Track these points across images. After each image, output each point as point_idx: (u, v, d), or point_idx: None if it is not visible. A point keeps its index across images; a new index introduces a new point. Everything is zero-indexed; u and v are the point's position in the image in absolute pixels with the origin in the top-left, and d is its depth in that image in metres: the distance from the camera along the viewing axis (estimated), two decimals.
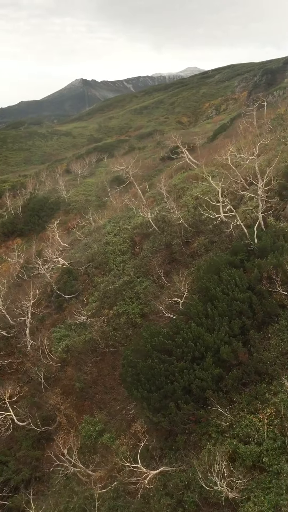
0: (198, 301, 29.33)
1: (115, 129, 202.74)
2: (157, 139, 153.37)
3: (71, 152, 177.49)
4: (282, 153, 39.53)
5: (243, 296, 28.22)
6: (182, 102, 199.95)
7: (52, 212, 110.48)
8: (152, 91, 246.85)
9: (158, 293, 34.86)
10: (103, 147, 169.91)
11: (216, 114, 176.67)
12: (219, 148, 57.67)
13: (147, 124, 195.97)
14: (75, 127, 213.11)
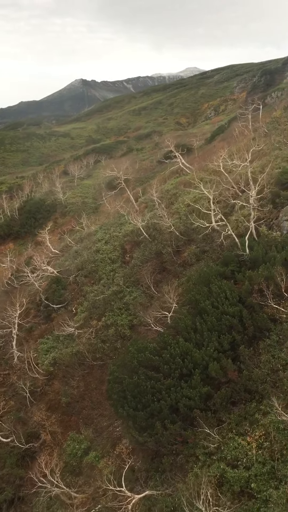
0: (187, 315, 28.28)
1: (114, 130, 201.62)
2: (155, 140, 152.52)
3: (69, 153, 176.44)
4: (276, 159, 38.48)
5: (233, 310, 27.17)
6: (181, 103, 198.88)
7: (49, 215, 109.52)
8: (151, 91, 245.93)
9: (147, 304, 33.84)
10: (101, 148, 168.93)
11: (215, 115, 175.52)
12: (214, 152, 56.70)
13: (145, 125, 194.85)
14: (74, 128, 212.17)
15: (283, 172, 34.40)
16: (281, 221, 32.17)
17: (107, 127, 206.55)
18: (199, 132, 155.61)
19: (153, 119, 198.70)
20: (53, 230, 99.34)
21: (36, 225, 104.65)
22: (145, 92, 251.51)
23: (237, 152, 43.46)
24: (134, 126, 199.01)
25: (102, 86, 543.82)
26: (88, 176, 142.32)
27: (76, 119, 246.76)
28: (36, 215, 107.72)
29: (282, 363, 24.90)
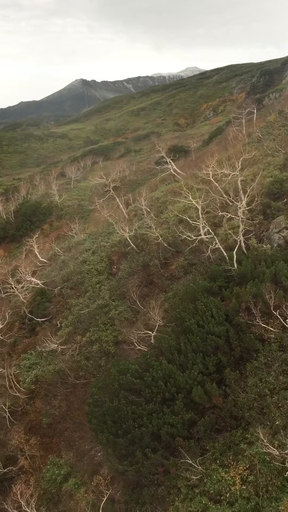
0: (171, 334, 26.91)
1: (112, 131, 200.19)
2: (153, 142, 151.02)
3: (67, 155, 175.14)
4: (268, 166, 37.06)
5: (219, 330, 25.78)
6: (180, 104, 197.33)
7: (45, 217, 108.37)
8: (149, 92, 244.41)
9: (133, 319, 32.48)
10: (98, 149, 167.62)
11: (213, 115, 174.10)
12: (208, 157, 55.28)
13: (144, 126, 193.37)
14: (72, 129, 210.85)
15: (274, 181, 32.98)
16: (272, 234, 30.79)
17: (105, 128, 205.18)
18: (197, 133, 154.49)
19: (151, 120, 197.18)
20: (48, 233, 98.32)
21: (32, 228, 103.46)
22: (144, 92, 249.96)
23: (228, 159, 42.09)
24: (132, 127, 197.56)
25: (102, 86, 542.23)
26: (85, 178, 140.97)
27: (75, 120, 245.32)
28: (32, 218, 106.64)
29: (269, 387, 23.52)
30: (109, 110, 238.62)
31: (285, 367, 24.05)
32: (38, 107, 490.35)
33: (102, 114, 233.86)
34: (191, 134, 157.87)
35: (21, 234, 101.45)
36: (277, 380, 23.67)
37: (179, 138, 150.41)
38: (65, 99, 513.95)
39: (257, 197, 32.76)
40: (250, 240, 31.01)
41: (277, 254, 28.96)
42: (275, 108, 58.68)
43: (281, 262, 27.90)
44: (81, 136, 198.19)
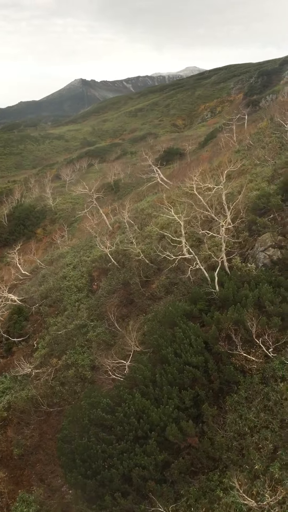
0: (146, 363, 25.06)
1: (109, 132, 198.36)
2: (150, 143, 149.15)
3: (63, 156, 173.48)
4: (256, 178, 35.17)
5: (197, 360, 23.93)
6: (177, 104, 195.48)
7: (38, 221, 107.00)
8: (147, 92, 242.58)
9: (111, 342, 30.66)
10: (95, 151, 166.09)
11: (211, 116, 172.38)
12: (193, 168, 53.45)
13: (141, 127, 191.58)
14: (69, 130, 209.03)
15: (260, 196, 31.11)
16: (257, 252, 28.93)
17: (103, 129, 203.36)
18: (194, 135, 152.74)
19: (149, 121, 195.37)
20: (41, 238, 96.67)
21: (26, 232, 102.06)
22: (142, 93, 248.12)
23: (218, 167, 40.31)
24: (129, 128, 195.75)
25: (102, 86, 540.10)
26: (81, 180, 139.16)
27: (72, 121, 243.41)
28: (25, 222, 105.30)
29: (250, 425, 21.70)
30: (106, 111, 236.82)
31: (266, 403, 22.21)
32: (38, 107, 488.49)
33: (100, 115, 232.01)
34: (188, 136, 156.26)
35: (14, 238, 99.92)
36: (258, 417, 21.84)
37: (175, 140, 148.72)
38: (64, 99, 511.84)
39: (242, 212, 30.94)
40: (234, 259, 29.17)
41: (261, 276, 27.10)
42: (269, 112, 56.79)
43: (265, 285, 26.05)
44: (78, 137, 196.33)
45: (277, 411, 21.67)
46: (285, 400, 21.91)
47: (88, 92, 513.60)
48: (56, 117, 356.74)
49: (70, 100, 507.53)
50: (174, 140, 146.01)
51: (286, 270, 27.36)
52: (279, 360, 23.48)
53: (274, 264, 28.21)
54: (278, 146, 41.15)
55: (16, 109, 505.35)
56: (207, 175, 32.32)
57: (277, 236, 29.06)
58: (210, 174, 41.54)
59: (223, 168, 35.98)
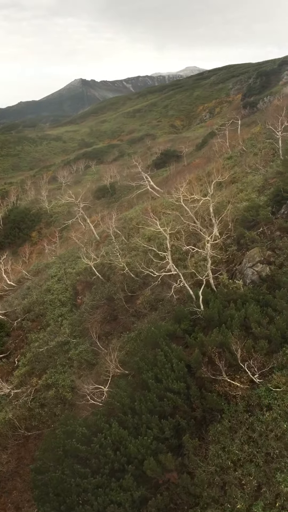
0: (126, 388, 23.67)
1: (107, 133, 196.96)
2: (147, 145, 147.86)
3: (61, 158, 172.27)
4: (247, 187, 33.76)
5: (178, 386, 22.54)
6: (176, 105, 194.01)
7: (33, 224, 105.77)
8: (146, 93, 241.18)
9: (93, 361, 29.28)
10: (92, 152, 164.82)
11: (210, 117, 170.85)
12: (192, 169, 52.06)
13: (139, 128, 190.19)
14: (67, 131, 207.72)
15: (249, 207, 29.69)
16: (245, 268, 27.52)
17: (101, 130, 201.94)
18: (192, 136, 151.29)
19: (147, 122, 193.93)
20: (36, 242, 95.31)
21: (20, 236, 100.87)
22: (141, 93, 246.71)
23: (208, 175, 38.92)
24: (127, 129, 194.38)
25: (102, 85, 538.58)
26: (78, 182, 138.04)
27: (70, 122, 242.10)
28: (20, 225, 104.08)
29: (233, 458, 20.28)
30: (105, 112, 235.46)
31: (251, 434, 20.82)
32: (38, 107, 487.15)
33: (98, 116, 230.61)
34: (186, 137, 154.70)
35: (9, 242, 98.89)
36: (241, 450, 20.44)
37: (173, 141, 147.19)
38: (64, 99, 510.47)
39: (231, 225, 29.53)
40: (221, 275, 27.77)
41: (248, 294, 25.70)
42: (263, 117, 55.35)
43: (252, 304, 24.66)
44: (76, 138, 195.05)
45: (262, 443, 20.29)
46: (271, 431, 20.52)
47: (88, 92, 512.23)
48: (55, 117, 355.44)
49: (70, 100, 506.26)
50: (172, 142, 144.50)
51: (275, 287, 25.96)
52: (265, 387, 22.09)
53: (263, 281, 26.82)
54: (272, 153, 39.75)
55: (16, 109, 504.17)
56: (196, 184, 30.93)
57: (266, 251, 27.66)
58: (200, 182, 40.20)
59: (213, 177, 34.65)
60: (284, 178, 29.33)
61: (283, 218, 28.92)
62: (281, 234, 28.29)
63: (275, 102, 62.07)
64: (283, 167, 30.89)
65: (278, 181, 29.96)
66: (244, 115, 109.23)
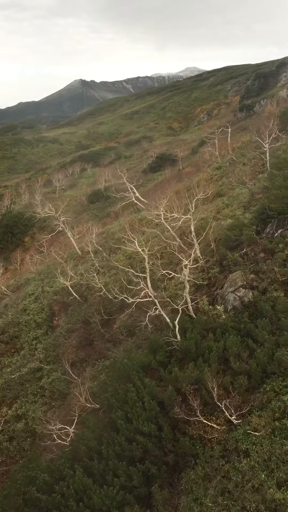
0: (94, 428, 21.80)
1: (105, 135, 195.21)
2: (144, 147, 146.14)
3: (57, 160, 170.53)
4: (233, 202, 31.88)
5: (149, 429, 20.66)
6: (174, 107, 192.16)
7: (26, 229, 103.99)
8: (145, 94, 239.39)
9: (65, 391, 27.40)
10: (88, 155, 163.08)
11: (208, 119, 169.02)
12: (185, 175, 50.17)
13: (137, 130, 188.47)
14: (64, 133, 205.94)
15: (232, 226, 27.79)
16: (226, 293, 25.64)
17: (98, 132, 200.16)
18: (189, 139, 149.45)
19: (144, 124, 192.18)
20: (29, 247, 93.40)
21: (14, 241, 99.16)
22: (139, 95, 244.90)
23: (194, 188, 37.07)
24: (125, 131, 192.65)
25: (101, 86, 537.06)
26: (73, 185, 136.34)
27: (68, 123, 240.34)
28: (13, 230, 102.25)
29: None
30: (102, 113, 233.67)
31: (226, 484, 18.90)
32: (37, 108, 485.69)
33: (96, 117, 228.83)
34: (182, 140, 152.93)
35: (2, 247, 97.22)
36: (215, 502, 18.52)
37: (170, 144, 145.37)
38: (64, 100, 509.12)
39: (213, 245, 27.66)
40: (202, 300, 25.89)
41: (228, 323, 23.81)
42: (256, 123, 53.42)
43: (232, 336, 22.76)
44: (73, 140, 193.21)
45: (238, 496, 18.38)
46: (247, 482, 18.62)
47: (87, 93, 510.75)
48: (55, 118, 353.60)
49: (69, 100, 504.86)
50: (169, 144, 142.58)
51: (257, 315, 24.08)
52: (244, 430, 20.19)
53: (245, 307, 24.93)
54: (261, 163, 37.86)
55: (15, 110, 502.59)
56: (179, 199, 29.04)
57: (249, 275, 25.78)
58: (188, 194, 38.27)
59: (198, 191, 32.79)
60: (270, 195, 27.45)
61: (268, 238, 27.05)
62: (265, 256, 26.41)
63: (269, 107, 60.06)
64: (269, 182, 29.01)
65: (263, 198, 28.09)
66: (240, 118, 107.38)
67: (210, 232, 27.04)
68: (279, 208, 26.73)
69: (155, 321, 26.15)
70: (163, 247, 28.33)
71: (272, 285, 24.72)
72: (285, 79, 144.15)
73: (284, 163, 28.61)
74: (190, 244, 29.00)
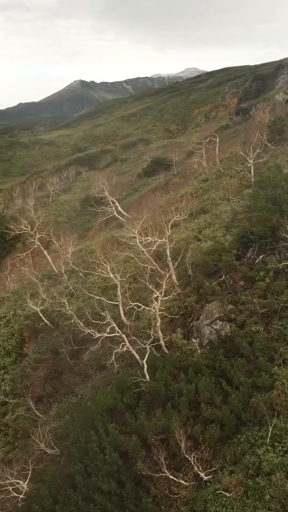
0: (50, 484, 19.69)
1: (101, 137, 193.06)
2: (140, 150, 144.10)
3: (53, 163, 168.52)
4: (216, 220, 29.73)
5: (109, 487, 18.53)
6: (171, 109, 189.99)
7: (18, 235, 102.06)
8: (142, 96, 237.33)
9: (30, 429, 25.25)
10: (85, 158, 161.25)
11: (205, 122, 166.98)
12: (172, 186, 48.08)
13: (134, 132, 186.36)
14: (60, 135, 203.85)
15: (211, 251, 25.64)
16: (202, 325, 23.52)
17: (95, 134, 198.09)
18: (185, 142, 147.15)
19: (142, 126, 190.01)
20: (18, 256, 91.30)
21: (5, 247, 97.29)
22: (137, 96, 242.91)
23: (180, 200, 35.01)
24: (122, 134, 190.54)
25: (101, 87, 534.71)
26: (67, 189, 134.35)
27: (66, 125, 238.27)
28: (5, 236, 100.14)
29: None
30: (100, 115, 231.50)
31: None
32: (37, 109, 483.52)
33: (93, 119, 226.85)
34: (179, 143, 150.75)
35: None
36: None
37: (166, 147, 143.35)
38: (64, 100, 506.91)
39: (190, 270, 25.54)
40: (176, 333, 23.77)
41: (202, 361, 21.68)
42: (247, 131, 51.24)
43: (204, 378, 20.63)
44: (69, 143, 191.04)
45: None
46: None
47: (87, 94, 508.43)
48: (54, 119, 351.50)
49: (69, 101, 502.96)
50: (165, 148, 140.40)
51: (234, 352, 21.98)
52: (214, 488, 18.05)
53: (222, 342, 22.82)
54: (248, 177, 35.67)
55: (15, 111, 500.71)
56: (160, 216, 26.86)
57: (227, 305, 23.66)
58: (173, 207, 36.18)
59: (184, 203, 30.70)
60: (252, 217, 25.30)
61: (248, 264, 24.91)
62: (245, 284, 24.30)
63: (260, 115, 57.67)
64: (252, 201, 26.87)
65: (244, 220, 25.95)
66: (236, 122, 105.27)
67: (187, 255, 24.87)
68: (260, 232, 24.61)
69: (126, 355, 24.03)
70: (140, 269, 26.19)
71: (251, 318, 22.64)
72: (283, 82, 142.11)
73: (267, 181, 26.42)
74: (168, 267, 26.85)
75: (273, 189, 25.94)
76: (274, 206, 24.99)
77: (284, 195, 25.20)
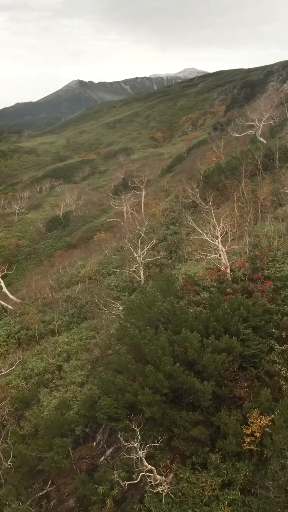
0: None
1: (85, 145, 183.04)
2: (120, 162, 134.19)
3: (32, 173, 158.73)
4: (81, 352, 19.65)
5: None
6: (158, 115, 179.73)
7: None
8: (132, 100, 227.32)
9: None
10: (63, 169, 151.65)
11: (192, 129, 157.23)
12: (93, 248, 38.19)
13: (118, 140, 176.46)
14: (42, 143, 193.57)
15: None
16: None
17: (78, 142, 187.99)
18: (167, 154, 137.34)
19: (127, 133, 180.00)
20: None
21: None
22: (125, 101, 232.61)
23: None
24: (106, 141, 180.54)
25: (99, 87, 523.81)
26: (38, 205, 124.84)
27: (50, 131, 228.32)
28: None
29: None
30: (87, 120, 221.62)
31: None
32: (35, 109, 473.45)
33: (79, 125, 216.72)
34: (161, 154, 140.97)
35: None
36: None
37: (147, 158, 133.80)
38: (61, 100, 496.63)
39: None
40: None
41: None
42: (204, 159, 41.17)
43: None
44: (51, 151, 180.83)
45: None
46: None
47: (85, 94, 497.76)
48: (50, 119, 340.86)
49: (67, 101, 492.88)
50: (145, 159, 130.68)
51: None
52: None
53: None
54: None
55: (12, 110, 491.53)
56: None
57: None
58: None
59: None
60: (103, 381, 15.42)
61: (95, 452, 15.13)
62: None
63: (209, 154, 46.48)
64: (120, 335, 16.87)
65: (107, 371, 15.89)
66: (213, 137, 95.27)
67: None
68: (110, 409, 14.74)
69: None
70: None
71: None
72: (271, 89, 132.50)
73: (136, 310, 16.13)
74: None
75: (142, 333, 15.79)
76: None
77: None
